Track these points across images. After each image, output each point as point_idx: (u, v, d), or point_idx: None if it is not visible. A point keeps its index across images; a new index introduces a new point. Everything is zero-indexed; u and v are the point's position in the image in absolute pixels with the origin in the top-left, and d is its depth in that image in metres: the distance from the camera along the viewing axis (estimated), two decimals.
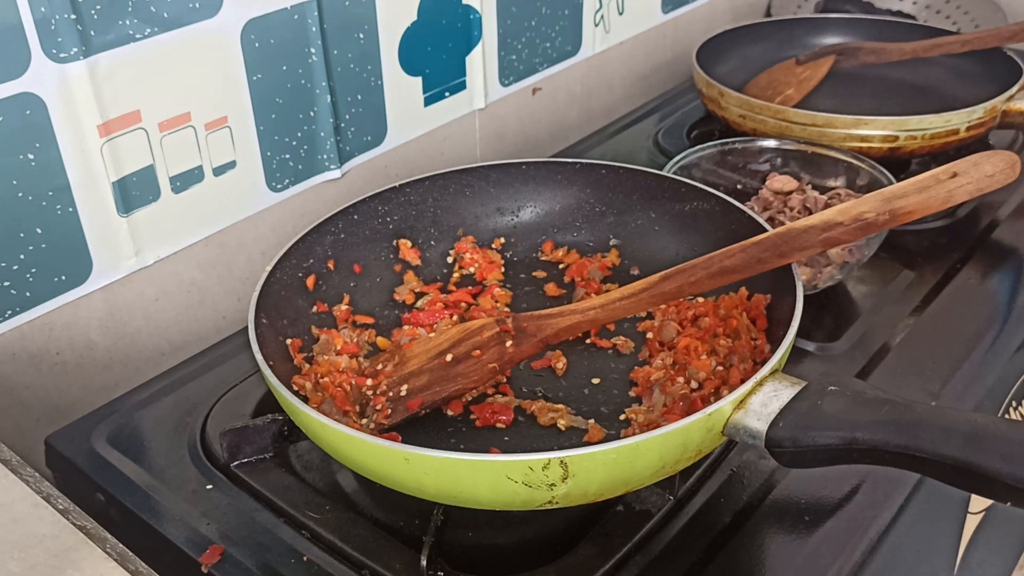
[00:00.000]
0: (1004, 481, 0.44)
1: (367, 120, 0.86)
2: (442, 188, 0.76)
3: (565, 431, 0.60)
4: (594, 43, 1.09)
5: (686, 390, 0.60)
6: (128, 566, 0.46)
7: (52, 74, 0.63)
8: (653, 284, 0.62)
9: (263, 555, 0.56)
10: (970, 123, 0.89)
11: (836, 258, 0.74)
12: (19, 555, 0.47)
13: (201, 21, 0.70)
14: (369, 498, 0.61)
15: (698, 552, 0.55)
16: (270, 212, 0.82)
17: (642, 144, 1.04)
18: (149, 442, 0.65)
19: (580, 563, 0.54)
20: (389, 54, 0.86)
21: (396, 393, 0.62)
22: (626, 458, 0.49)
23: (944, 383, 0.68)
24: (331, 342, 0.66)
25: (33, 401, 0.71)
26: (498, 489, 0.49)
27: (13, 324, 0.68)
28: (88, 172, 0.68)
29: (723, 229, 0.69)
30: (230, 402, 0.68)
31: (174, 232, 0.75)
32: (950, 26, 1.23)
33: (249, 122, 0.77)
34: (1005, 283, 0.80)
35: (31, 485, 0.52)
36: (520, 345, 0.63)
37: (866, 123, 0.88)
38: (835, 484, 0.59)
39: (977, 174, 0.59)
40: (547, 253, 0.77)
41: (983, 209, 0.89)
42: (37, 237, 0.67)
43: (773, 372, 0.53)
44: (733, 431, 0.52)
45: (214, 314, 0.82)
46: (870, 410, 0.49)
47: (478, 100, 0.97)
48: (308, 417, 0.53)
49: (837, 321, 0.75)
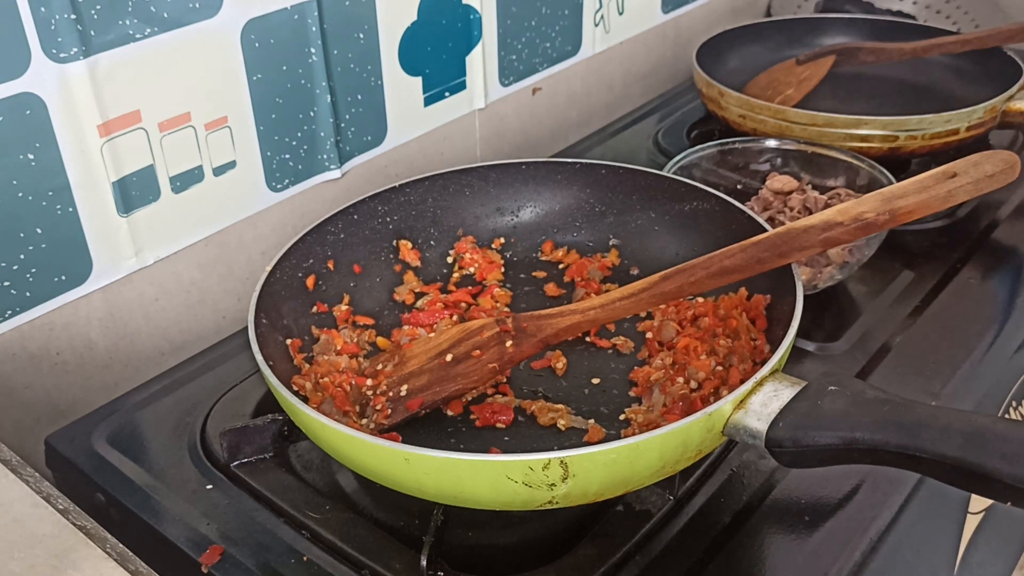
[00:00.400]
0: (1004, 481, 0.44)
1: (367, 120, 0.86)
2: (442, 188, 0.76)
3: (565, 431, 0.61)
4: (594, 43, 1.09)
5: (685, 390, 0.60)
6: (128, 566, 0.46)
7: (52, 74, 0.63)
8: (653, 284, 0.62)
9: (263, 555, 0.56)
10: (970, 123, 0.89)
11: (836, 258, 0.74)
12: (19, 555, 0.47)
13: (201, 21, 0.70)
14: (369, 498, 0.61)
15: (698, 552, 0.55)
16: (270, 212, 0.82)
17: (642, 144, 1.04)
18: (149, 442, 0.65)
19: (580, 563, 0.54)
20: (389, 54, 0.86)
21: (396, 393, 0.62)
22: (626, 458, 0.49)
23: (944, 383, 0.68)
24: (331, 342, 0.66)
25: (33, 401, 0.71)
26: (498, 489, 0.49)
27: (13, 324, 0.68)
28: (88, 172, 0.68)
29: (723, 229, 0.69)
30: (230, 402, 0.68)
31: (174, 232, 0.75)
32: (950, 26, 1.23)
33: (249, 122, 0.77)
34: (1005, 283, 0.80)
35: (31, 485, 0.52)
36: (520, 345, 0.63)
37: (866, 123, 0.88)
38: (835, 484, 0.59)
39: (977, 174, 0.58)
40: (547, 253, 0.77)
41: (983, 209, 0.89)
42: (37, 237, 0.67)
43: (773, 372, 0.53)
44: (733, 431, 0.52)
45: (214, 314, 0.82)
46: (870, 410, 0.49)
47: (478, 100, 0.97)
48: (308, 417, 0.53)
49: (837, 321, 0.75)
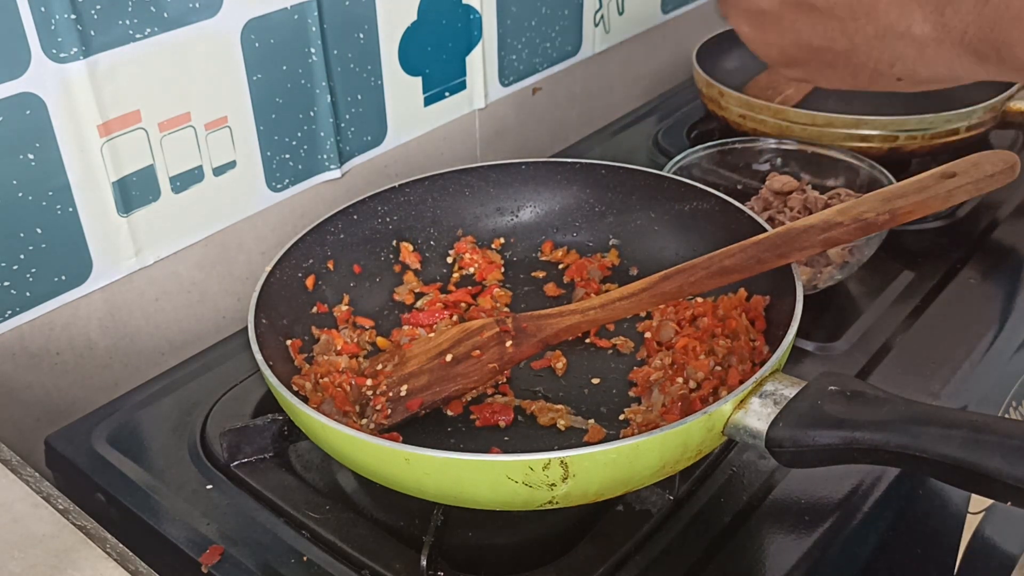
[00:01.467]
0: (1004, 481, 0.44)
1: (367, 120, 0.86)
2: (442, 188, 0.76)
3: (565, 431, 0.60)
4: (594, 43, 1.09)
5: (684, 390, 0.60)
6: (128, 566, 0.47)
7: (52, 74, 0.63)
8: (653, 284, 0.62)
9: (263, 555, 0.56)
10: (970, 123, 0.89)
11: (836, 258, 0.74)
12: (19, 555, 0.47)
13: (201, 21, 0.70)
14: (369, 498, 0.61)
15: (698, 552, 0.55)
16: (270, 212, 0.82)
17: (642, 144, 1.04)
18: (149, 442, 0.65)
19: (580, 563, 0.54)
20: (389, 54, 0.86)
21: (396, 393, 0.62)
22: (626, 458, 0.49)
23: (944, 383, 0.68)
24: (331, 342, 0.66)
25: (33, 401, 0.71)
26: (498, 489, 0.49)
27: (13, 324, 0.68)
28: (88, 172, 0.68)
29: (723, 229, 0.69)
30: (230, 402, 0.68)
31: (174, 232, 0.75)
32: None
33: (249, 122, 0.77)
34: (1005, 283, 0.80)
35: (31, 485, 0.52)
36: (520, 345, 0.63)
37: (866, 123, 0.88)
38: (835, 484, 0.59)
39: (977, 174, 0.58)
40: (547, 253, 0.77)
41: (983, 209, 0.89)
42: (37, 237, 0.67)
43: (773, 372, 0.53)
44: (733, 431, 0.52)
45: (214, 314, 0.82)
46: (870, 410, 0.49)
47: (478, 100, 0.97)
48: (308, 417, 0.53)
49: (837, 321, 0.75)
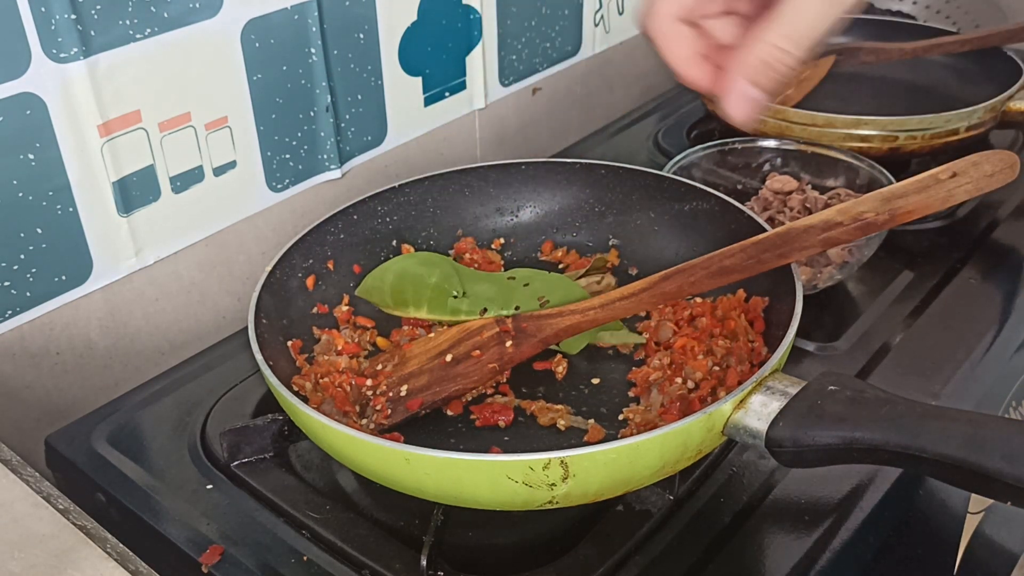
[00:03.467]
0: (1004, 481, 0.44)
1: (367, 120, 0.86)
2: (442, 188, 0.76)
3: (565, 431, 0.60)
4: (594, 43, 1.09)
5: (683, 390, 0.60)
6: (128, 566, 0.46)
7: (52, 74, 0.63)
8: (653, 284, 0.62)
9: (263, 555, 0.56)
10: (970, 123, 0.89)
11: (836, 258, 0.74)
12: (19, 555, 0.47)
13: (201, 21, 0.70)
14: (369, 498, 0.61)
15: (698, 552, 0.55)
16: (270, 212, 0.82)
17: (642, 144, 1.04)
18: (149, 442, 0.65)
19: (580, 563, 0.54)
20: (389, 54, 0.86)
21: (396, 393, 0.62)
22: (626, 458, 0.49)
23: (944, 383, 0.68)
24: (332, 342, 0.66)
25: (33, 401, 0.71)
26: (498, 489, 0.49)
27: (13, 324, 0.68)
28: (88, 172, 0.68)
29: (723, 229, 0.69)
30: (230, 402, 0.68)
31: (174, 232, 0.75)
32: (950, 26, 1.23)
33: (249, 122, 0.77)
34: (1005, 283, 0.80)
35: (31, 485, 0.52)
36: (520, 345, 0.63)
37: (866, 123, 0.88)
38: (835, 484, 0.59)
39: (977, 174, 0.58)
40: (546, 253, 0.77)
41: (983, 209, 0.89)
42: (37, 237, 0.67)
43: (773, 372, 0.53)
44: (733, 431, 0.52)
45: (214, 314, 0.82)
46: (870, 410, 0.49)
47: (478, 100, 0.97)
48: (308, 417, 0.53)
49: (837, 321, 0.75)
